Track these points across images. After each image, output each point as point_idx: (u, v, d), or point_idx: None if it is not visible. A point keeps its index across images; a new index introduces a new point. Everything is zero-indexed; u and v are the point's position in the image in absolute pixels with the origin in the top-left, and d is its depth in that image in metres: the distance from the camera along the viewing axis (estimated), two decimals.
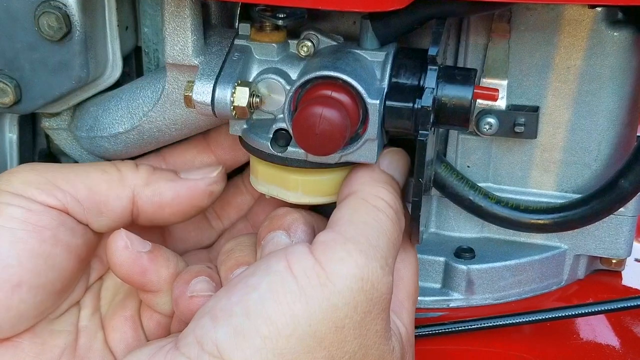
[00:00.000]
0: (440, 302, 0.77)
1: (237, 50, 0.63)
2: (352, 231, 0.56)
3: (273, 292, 0.53)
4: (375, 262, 0.55)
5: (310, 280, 0.53)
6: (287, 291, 0.53)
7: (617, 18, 0.69)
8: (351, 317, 0.54)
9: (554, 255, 0.78)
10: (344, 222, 0.57)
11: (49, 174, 0.61)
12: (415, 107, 0.59)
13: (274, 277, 0.54)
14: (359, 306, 0.54)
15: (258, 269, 0.55)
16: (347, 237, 0.56)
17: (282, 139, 0.62)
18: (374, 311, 0.55)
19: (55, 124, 0.73)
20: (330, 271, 0.53)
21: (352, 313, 0.54)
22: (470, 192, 0.73)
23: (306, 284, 0.53)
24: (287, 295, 0.53)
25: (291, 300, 0.53)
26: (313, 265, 0.54)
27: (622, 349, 0.75)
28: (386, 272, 0.56)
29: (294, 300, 0.53)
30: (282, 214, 0.63)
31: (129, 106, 0.68)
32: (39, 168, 0.62)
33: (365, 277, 0.54)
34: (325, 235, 0.56)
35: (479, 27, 0.70)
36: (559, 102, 0.72)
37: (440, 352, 0.73)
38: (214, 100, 0.61)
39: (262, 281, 0.54)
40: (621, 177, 0.70)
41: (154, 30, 0.72)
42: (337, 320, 0.53)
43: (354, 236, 0.56)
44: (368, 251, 0.55)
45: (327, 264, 0.54)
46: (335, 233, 0.56)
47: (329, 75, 0.59)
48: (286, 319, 0.52)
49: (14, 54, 0.65)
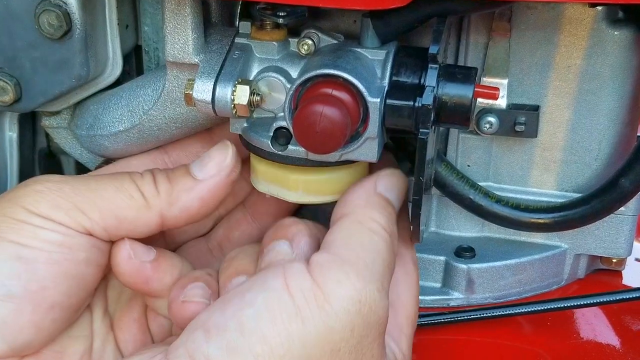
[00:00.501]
0: (441, 301, 0.77)
1: (238, 49, 0.63)
2: (348, 253, 0.56)
3: (269, 310, 0.52)
4: (372, 285, 0.54)
5: (307, 301, 0.53)
6: (283, 310, 0.52)
7: (618, 17, 0.69)
8: (347, 341, 0.53)
9: (554, 254, 0.78)
10: (340, 244, 0.57)
11: (75, 197, 0.60)
12: (415, 106, 0.59)
13: (270, 294, 0.53)
14: (356, 329, 0.53)
15: (255, 284, 0.55)
16: (343, 259, 0.55)
17: (283, 137, 0.62)
18: (370, 335, 0.54)
19: (55, 123, 0.73)
20: (328, 293, 0.53)
21: (348, 336, 0.53)
22: (470, 191, 0.73)
23: (303, 305, 0.52)
24: (283, 314, 0.52)
25: (287, 320, 0.52)
26: (311, 286, 0.53)
27: (622, 343, 0.75)
28: (382, 295, 0.55)
29: (290, 320, 0.52)
30: (288, 224, 0.63)
31: (129, 104, 0.68)
32: (66, 190, 0.60)
33: (363, 300, 0.54)
34: (321, 256, 0.56)
35: (479, 25, 0.70)
36: (559, 101, 0.71)
37: (440, 342, 0.73)
38: (215, 98, 0.61)
39: (258, 297, 0.53)
40: (622, 176, 0.70)
41: (154, 29, 0.72)
42: (332, 343, 0.53)
43: (350, 259, 0.55)
44: (365, 274, 0.54)
45: (325, 286, 0.53)
46: (331, 255, 0.56)
47: (329, 74, 0.59)
48: (281, 338, 0.52)
49: (14, 52, 0.65)
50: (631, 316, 0.78)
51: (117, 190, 0.61)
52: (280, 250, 0.60)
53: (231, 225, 0.73)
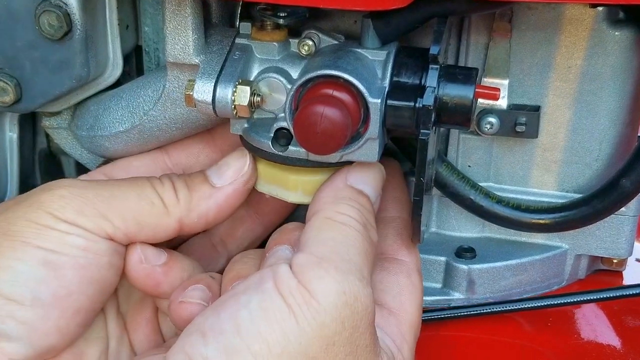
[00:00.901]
0: (441, 301, 0.77)
1: (238, 49, 0.63)
2: (323, 250, 0.57)
3: (263, 310, 0.53)
4: (352, 276, 0.55)
5: (296, 300, 0.54)
6: (276, 310, 0.53)
7: (618, 17, 0.69)
8: (340, 334, 0.54)
9: (555, 255, 0.78)
10: (313, 242, 0.58)
11: (99, 204, 0.61)
12: (416, 106, 0.59)
13: (263, 296, 0.54)
14: (346, 321, 0.54)
15: (248, 287, 0.56)
16: (319, 256, 0.56)
17: (283, 138, 0.62)
18: (361, 325, 0.55)
19: (55, 123, 0.73)
20: (313, 290, 0.54)
21: (340, 329, 0.54)
22: (471, 192, 0.73)
23: (294, 304, 0.53)
24: (277, 313, 0.53)
25: (281, 319, 0.53)
26: (297, 285, 0.54)
27: (622, 342, 0.75)
28: (364, 284, 0.56)
29: (284, 319, 0.53)
30: (291, 228, 0.64)
31: (129, 105, 0.68)
32: (89, 196, 0.61)
33: (347, 291, 0.54)
34: (299, 257, 0.57)
35: (480, 26, 0.70)
36: (560, 102, 0.71)
37: (441, 339, 0.73)
38: (215, 99, 0.61)
39: (251, 299, 0.54)
40: (622, 176, 0.70)
41: (155, 29, 0.72)
42: (326, 337, 0.53)
43: (326, 254, 0.56)
44: (342, 266, 0.55)
45: (309, 284, 0.54)
46: (307, 254, 0.57)
47: (330, 74, 0.59)
48: (277, 336, 0.53)
49: (14, 53, 0.65)
50: (632, 316, 0.78)
51: (139, 197, 0.62)
52: (281, 255, 0.61)
53: (235, 222, 0.73)
